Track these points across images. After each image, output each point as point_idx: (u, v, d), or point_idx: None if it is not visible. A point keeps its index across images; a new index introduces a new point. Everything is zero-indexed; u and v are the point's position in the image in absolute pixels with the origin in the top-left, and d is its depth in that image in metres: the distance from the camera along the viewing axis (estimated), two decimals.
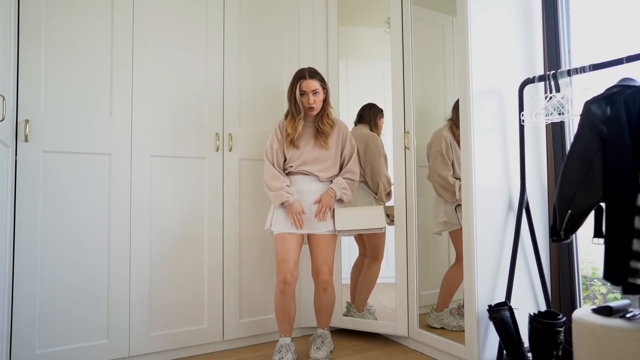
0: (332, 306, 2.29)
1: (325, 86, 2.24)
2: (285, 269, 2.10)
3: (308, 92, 2.17)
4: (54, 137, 2.03)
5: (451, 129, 2.40)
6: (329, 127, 2.24)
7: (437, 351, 2.20)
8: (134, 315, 2.15)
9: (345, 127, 2.32)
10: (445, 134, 2.40)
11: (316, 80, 2.19)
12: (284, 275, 2.10)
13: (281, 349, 2.13)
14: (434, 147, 2.42)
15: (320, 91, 2.20)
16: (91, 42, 2.13)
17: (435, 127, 2.48)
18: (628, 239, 1.42)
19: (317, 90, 2.18)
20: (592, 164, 1.53)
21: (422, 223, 2.39)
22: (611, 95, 1.55)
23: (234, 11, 2.49)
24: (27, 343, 1.92)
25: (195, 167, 2.35)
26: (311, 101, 2.18)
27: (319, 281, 2.20)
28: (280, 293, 2.12)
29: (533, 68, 2.23)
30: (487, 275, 2.01)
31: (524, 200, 2.01)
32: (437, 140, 2.41)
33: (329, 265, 2.20)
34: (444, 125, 2.44)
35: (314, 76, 2.19)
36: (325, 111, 2.24)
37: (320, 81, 2.21)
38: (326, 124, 2.23)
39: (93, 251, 2.08)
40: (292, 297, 2.14)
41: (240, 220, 2.45)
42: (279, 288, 2.12)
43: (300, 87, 2.17)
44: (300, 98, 2.19)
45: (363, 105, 2.73)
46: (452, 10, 2.10)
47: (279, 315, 2.16)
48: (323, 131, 2.23)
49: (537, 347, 1.79)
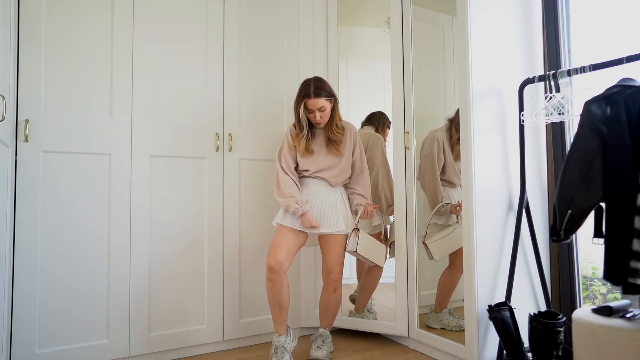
0: (338, 306, 2.30)
1: (332, 99, 2.19)
2: (273, 254, 2.07)
3: (314, 110, 2.15)
4: (54, 137, 2.03)
5: (449, 131, 2.39)
6: (339, 136, 2.23)
7: (437, 351, 2.20)
8: (134, 315, 2.15)
9: (354, 130, 2.31)
10: (439, 136, 2.38)
11: (322, 98, 2.13)
12: (269, 261, 2.05)
13: (277, 351, 2.07)
14: (425, 149, 2.41)
15: (327, 107, 2.17)
16: (91, 42, 2.13)
17: (435, 127, 2.47)
18: (628, 239, 1.42)
19: (324, 107, 2.15)
20: (592, 164, 1.53)
21: (422, 223, 2.39)
22: (611, 95, 1.55)
23: (234, 10, 2.49)
24: (27, 343, 1.92)
25: (195, 167, 2.35)
26: (317, 118, 2.16)
27: (329, 280, 2.20)
28: (268, 280, 2.07)
29: (533, 68, 2.23)
30: (487, 275, 2.01)
31: (524, 201, 2.01)
32: (430, 142, 2.40)
33: (340, 265, 2.21)
34: (442, 126, 2.43)
35: (320, 94, 2.13)
36: (334, 121, 2.22)
37: (326, 97, 2.15)
38: (336, 133, 2.22)
39: (93, 251, 2.08)
40: (280, 285, 2.07)
41: (240, 220, 2.45)
42: (266, 275, 2.07)
43: (306, 106, 2.15)
44: (307, 114, 2.18)
45: (375, 111, 2.74)
46: (452, 10, 2.10)
47: (270, 304, 2.11)
48: (334, 140, 2.23)
49: (537, 347, 1.79)
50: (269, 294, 2.10)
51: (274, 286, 2.07)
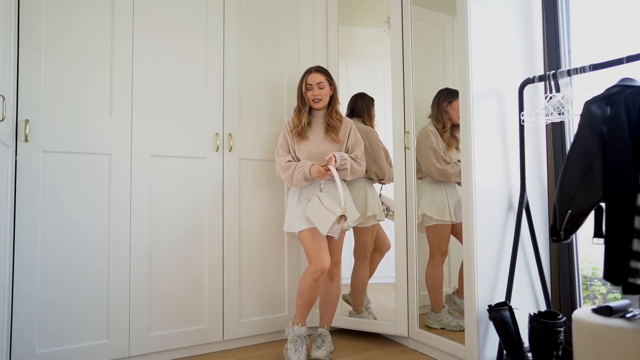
0: (337, 299, 2.33)
1: (331, 82, 2.30)
2: (321, 257, 2.13)
3: (313, 85, 2.24)
4: (54, 137, 2.03)
5: (435, 125, 2.43)
6: (338, 122, 2.29)
7: (437, 351, 2.20)
8: (134, 315, 2.15)
9: (351, 124, 2.36)
10: (430, 129, 2.43)
11: (321, 74, 2.27)
12: (322, 264, 2.12)
13: (297, 340, 2.15)
14: (424, 143, 2.43)
15: (325, 85, 2.26)
16: (91, 42, 2.13)
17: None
18: (628, 239, 1.42)
19: (322, 83, 2.25)
20: (592, 164, 1.53)
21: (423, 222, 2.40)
22: (611, 95, 1.55)
23: (234, 11, 2.49)
24: (27, 343, 1.92)
25: (195, 167, 2.35)
26: (316, 93, 2.24)
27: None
28: (314, 281, 2.14)
29: (533, 68, 2.23)
30: (487, 275, 2.01)
31: (524, 201, 2.01)
32: (425, 135, 2.43)
33: (337, 256, 2.30)
34: (428, 123, 2.47)
35: (320, 70, 2.28)
36: (334, 107, 2.31)
37: (326, 75, 2.28)
38: (335, 119, 2.29)
39: (93, 250, 2.08)
40: (321, 286, 2.22)
41: (240, 220, 2.45)
42: (314, 276, 2.12)
43: (306, 81, 2.26)
44: (306, 92, 2.27)
45: (354, 96, 2.69)
46: (452, 10, 2.10)
47: (304, 301, 2.17)
48: (333, 126, 2.28)
49: (537, 347, 1.79)
50: (308, 292, 2.15)
51: (318, 286, 2.17)
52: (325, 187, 2.19)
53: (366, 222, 2.51)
